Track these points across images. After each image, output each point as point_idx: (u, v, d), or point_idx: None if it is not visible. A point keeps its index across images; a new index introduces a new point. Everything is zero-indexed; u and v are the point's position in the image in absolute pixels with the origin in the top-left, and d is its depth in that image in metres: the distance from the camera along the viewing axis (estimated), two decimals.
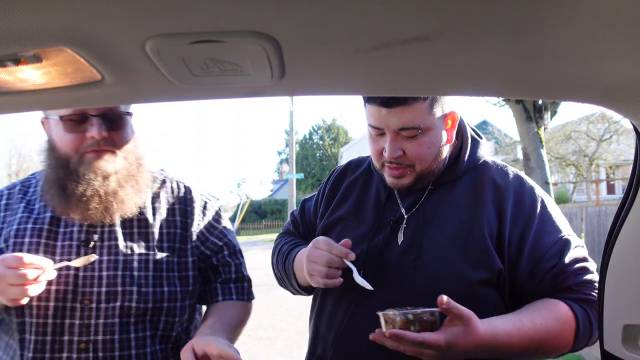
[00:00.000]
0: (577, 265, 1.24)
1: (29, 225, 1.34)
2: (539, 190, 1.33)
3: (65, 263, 1.26)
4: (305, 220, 1.59)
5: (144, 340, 1.34)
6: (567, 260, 1.23)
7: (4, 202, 1.41)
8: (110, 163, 1.31)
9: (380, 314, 1.14)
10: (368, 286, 1.22)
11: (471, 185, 1.34)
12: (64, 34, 0.60)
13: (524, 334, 1.14)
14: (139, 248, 1.37)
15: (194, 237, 1.47)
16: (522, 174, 1.38)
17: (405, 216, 1.35)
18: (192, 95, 0.87)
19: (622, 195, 1.10)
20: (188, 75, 0.73)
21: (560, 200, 20.21)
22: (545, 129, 8.72)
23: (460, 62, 0.74)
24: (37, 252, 1.29)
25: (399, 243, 1.32)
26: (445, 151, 1.34)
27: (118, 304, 1.30)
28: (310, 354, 1.45)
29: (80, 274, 1.30)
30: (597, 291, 1.22)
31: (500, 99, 9.21)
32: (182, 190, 1.52)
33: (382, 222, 1.37)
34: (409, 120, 1.24)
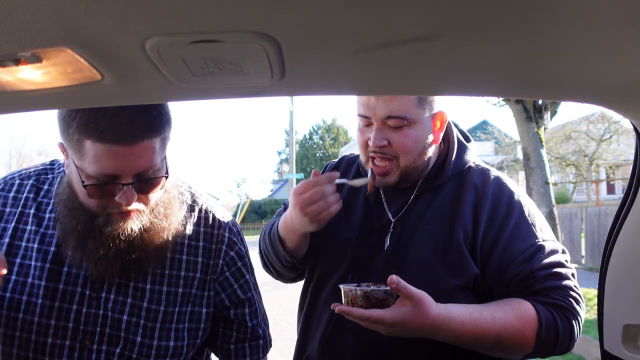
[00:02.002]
0: (549, 270, 1.23)
1: (36, 245, 1.19)
2: (519, 196, 1.32)
3: None
4: None
5: None
6: (537, 265, 1.22)
7: (12, 194, 1.24)
8: (136, 221, 1.14)
9: (341, 286, 1.20)
10: (366, 180, 1.31)
11: (454, 191, 1.34)
12: (64, 34, 0.60)
13: (480, 325, 1.16)
14: (151, 292, 1.21)
15: (215, 283, 1.29)
16: (505, 178, 1.37)
17: (392, 220, 1.35)
18: (192, 95, 0.87)
19: (622, 195, 1.10)
20: (188, 75, 0.73)
21: (560, 200, 20.20)
22: (545, 129, 8.71)
23: (460, 62, 0.74)
24: (40, 278, 1.16)
25: (385, 248, 1.33)
26: (431, 151, 1.34)
27: (118, 350, 1.18)
28: (298, 353, 1.46)
29: (84, 310, 1.17)
30: (571, 298, 1.22)
31: (500, 99, 9.21)
32: (211, 222, 1.31)
33: (370, 227, 1.37)
34: (395, 109, 1.25)
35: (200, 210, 1.32)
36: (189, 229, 1.28)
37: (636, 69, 0.75)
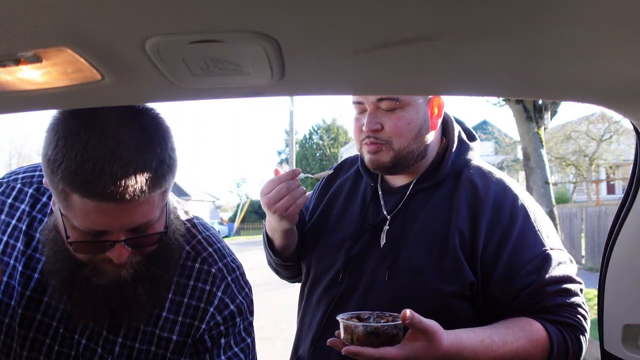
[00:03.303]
0: (558, 286, 1.19)
1: (20, 268, 1.08)
2: (523, 199, 1.27)
3: None
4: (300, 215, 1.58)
5: None
6: (546, 279, 1.18)
7: (10, 201, 1.14)
8: (130, 271, 0.99)
9: (340, 319, 1.12)
10: (328, 172, 1.39)
11: (451, 191, 1.29)
12: (64, 34, 0.60)
13: (492, 351, 1.13)
14: (121, 347, 1.08)
15: (191, 349, 1.11)
16: (508, 180, 1.32)
17: (388, 217, 1.33)
18: (192, 95, 0.87)
19: (622, 195, 1.10)
20: (188, 75, 0.73)
21: (560, 200, 20.18)
22: (545, 129, 8.71)
23: (460, 62, 0.74)
24: (19, 305, 1.07)
25: (381, 246, 1.30)
26: (430, 138, 1.31)
27: None
28: (293, 353, 1.46)
29: (56, 347, 1.08)
30: (580, 315, 1.20)
31: (500, 99, 9.21)
32: (204, 276, 1.11)
33: (365, 225, 1.36)
34: None
35: (201, 261, 1.12)
36: (183, 282, 1.10)
37: (636, 69, 0.75)
